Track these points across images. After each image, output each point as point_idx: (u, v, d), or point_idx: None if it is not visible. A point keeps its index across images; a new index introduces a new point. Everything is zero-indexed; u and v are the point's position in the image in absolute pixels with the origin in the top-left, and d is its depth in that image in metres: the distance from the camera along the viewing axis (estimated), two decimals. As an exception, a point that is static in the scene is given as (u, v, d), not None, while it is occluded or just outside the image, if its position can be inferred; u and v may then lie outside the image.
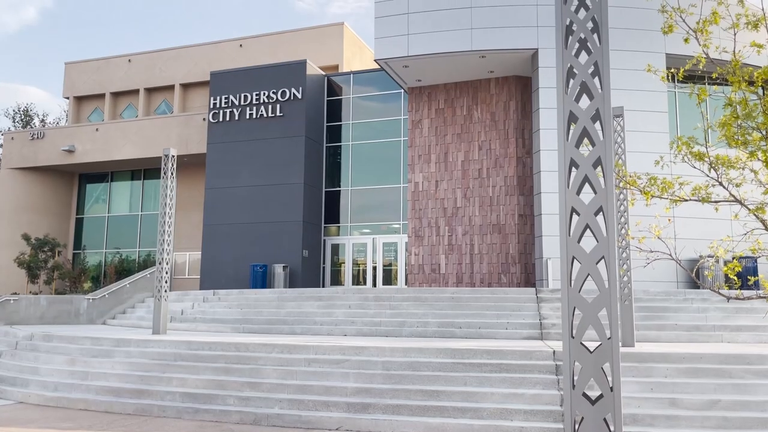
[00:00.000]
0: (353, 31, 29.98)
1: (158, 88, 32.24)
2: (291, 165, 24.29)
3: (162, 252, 15.00)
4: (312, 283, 24.13)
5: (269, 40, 30.15)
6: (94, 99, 33.57)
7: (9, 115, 42.00)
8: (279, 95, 24.84)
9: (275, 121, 24.82)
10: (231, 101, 25.49)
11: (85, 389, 11.22)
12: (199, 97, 30.91)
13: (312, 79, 25.34)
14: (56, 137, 30.29)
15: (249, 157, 24.84)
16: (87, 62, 33.74)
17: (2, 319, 18.57)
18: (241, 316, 16.74)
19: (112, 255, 30.34)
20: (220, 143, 25.44)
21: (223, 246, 24.68)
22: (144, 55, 32.64)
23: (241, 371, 11.14)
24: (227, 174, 25.10)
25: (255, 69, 25.92)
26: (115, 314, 20.17)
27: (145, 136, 28.56)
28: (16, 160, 30.70)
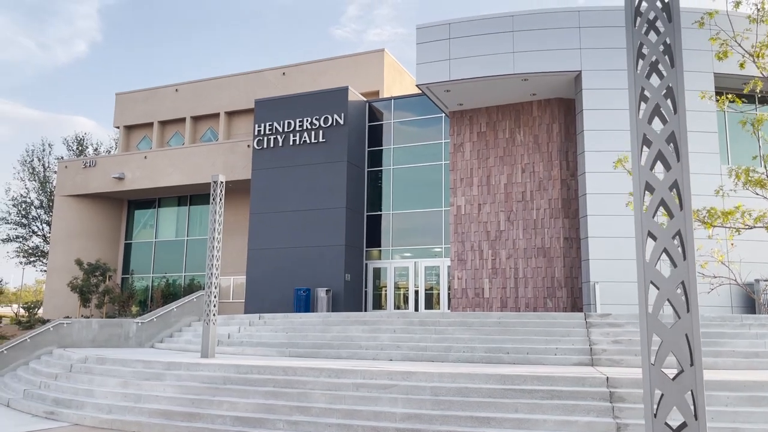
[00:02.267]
0: (393, 57, 30.34)
1: (204, 116, 33.11)
2: (333, 190, 24.55)
3: (210, 276, 15.25)
4: (354, 306, 24.17)
5: (311, 67, 30.73)
6: (143, 128, 34.66)
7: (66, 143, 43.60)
8: (321, 121, 25.22)
9: (318, 146, 25.18)
10: (275, 128, 25.99)
11: (138, 412, 11.40)
12: (244, 125, 31.61)
13: (353, 105, 25.69)
14: (107, 165, 31.31)
15: (292, 182, 25.21)
16: (136, 92, 34.93)
17: (56, 342, 19.08)
18: (286, 340, 16.84)
19: (159, 279, 30.98)
20: (264, 169, 25.91)
21: (267, 270, 24.98)
22: (190, 84, 33.63)
23: (290, 395, 11.18)
24: (271, 199, 25.50)
25: (298, 96, 26.42)
26: (162, 338, 20.52)
27: (192, 163, 29.28)
28: (69, 188, 31.81)
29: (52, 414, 11.99)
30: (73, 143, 43.69)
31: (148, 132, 34.48)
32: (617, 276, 17.63)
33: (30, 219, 41.69)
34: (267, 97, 27.56)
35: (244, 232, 26.88)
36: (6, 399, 13.77)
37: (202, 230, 30.85)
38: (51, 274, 31.89)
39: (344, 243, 24.05)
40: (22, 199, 41.52)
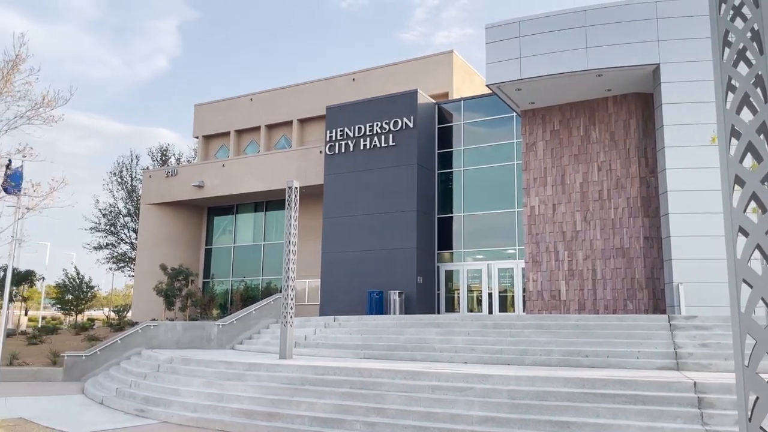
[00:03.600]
0: (462, 58, 30.16)
1: (278, 124, 34.00)
2: (404, 193, 24.64)
3: (287, 279, 15.62)
4: (427, 309, 24.14)
5: (380, 72, 30.98)
6: (221, 137, 35.95)
7: (150, 154, 45.76)
8: (391, 125, 25.38)
9: (388, 150, 25.34)
10: (346, 133, 26.36)
11: (221, 411, 11.82)
12: (316, 131, 32.21)
13: (423, 107, 25.71)
14: (187, 174, 32.65)
15: (364, 186, 25.49)
16: (213, 103, 36.28)
17: (144, 343, 20.05)
18: (361, 342, 17.02)
19: (238, 283, 32.00)
20: (336, 174, 26.33)
21: (340, 273, 25.34)
22: (264, 93, 34.61)
23: (366, 396, 11.29)
24: (343, 203, 25.87)
25: (368, 101, 26.70)
26: (242, 339, 21.17)
27: (267, 170, 30.11)
28: (153, 196, 33.39)
29: (142, 412, 12.60)
30: (157, 153, 45.81)
31: (226, 141, 35.72)
32: (702, 276, 16.82)
33: (118, 227, 43.97)
34: (338, 103, 27.99)
35: (318, 236, 27.38)
36: (101, 397, 14.57)
37: (277, 235, 31.64)
38: (138, 278, 33.55)
39: (416, 246, 24.08)
40: (111, 209, 43.86)
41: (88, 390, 16.11)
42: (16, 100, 11.28)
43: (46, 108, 11.46)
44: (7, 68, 11.12)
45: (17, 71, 11.22)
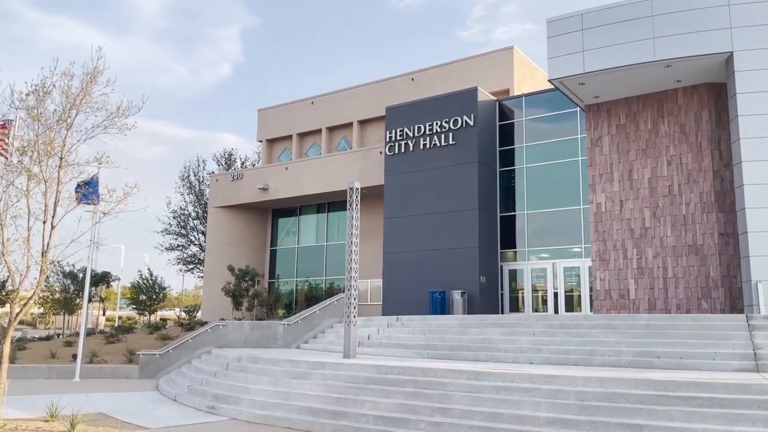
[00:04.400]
0: (523, 54, 29.67)
1: (338, 126, 34.39)
2: (465, 191, 24.45)
3: (350, 279, 15.78)
4: (490, 309, 23.88)
5: (439, 71, 30.85)
6: (283, 140, 36.67)
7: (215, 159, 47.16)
8: (451, 124, 25.24)
9: (448, 149, 25.22)
10: (405, 133, 26.40)
11: (288, 409, 12.06)
12: (376, 132, 32.40)
13: (483, 105, 25.46)
14: (252, 177, 33.47)
15: (424, 185, 25.45)
16: (276, 108, 37.05)
17: (213, 342, 20.67)
18: (424, 342, 17.02)
19: (302, 283, 32.57)
20: (396, 174, 26.41)
21: (401, 273, 25.39)
22: (325, 96, 35.09)
23: (430, 396, 11.29)
24: (404, 203, 25.92)
25: (427, 100, 26.65)
26: (307, 338, 21.52)
27: (328, 171, 30.50)
28: (220, 200, 34.40)
29: (212, 408, 13.01)
30: (222, 158, 47.14)
31: (288, 144, 36.41)
32: (784, 274, 15.97)
33: (188, 229, 45.49)
34: (397, 103, 28.05)
35: (379, 237, 27.52)
36: (174, 394, 15.13)
37: (339, 236, 32.01)
38: (207, 279, 34.62)
39: (478, 245, 23.86)
40: (181, 212, 45.43)
41: (162, 387, 16.75)
42: (94, 110, 11.83)
43: (120, 117, 11.97)
44: (86, 80, 11.68)
45: (95, 83, 11.77)
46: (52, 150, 11.22)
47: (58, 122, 11.47)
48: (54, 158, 11.29)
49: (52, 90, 11.43)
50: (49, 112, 11.47)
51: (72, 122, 11.52)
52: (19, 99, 11.34)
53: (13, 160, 11.38)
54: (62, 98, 11.52)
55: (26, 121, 11.57)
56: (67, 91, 11.50)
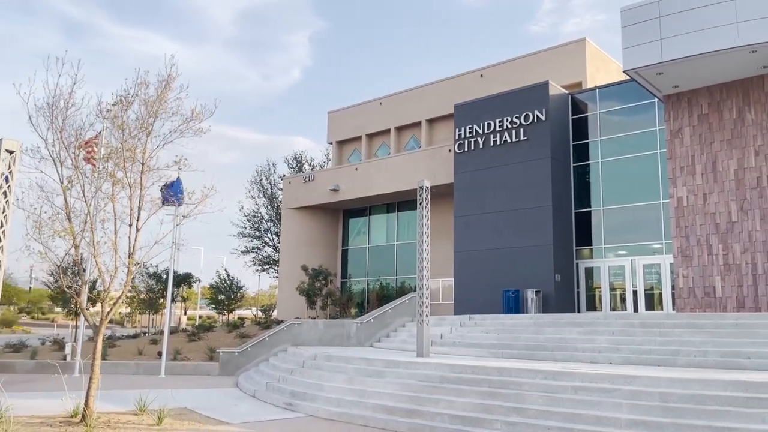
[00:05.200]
0: (596, 45, 28.79)
1: (406, 126, 34.45)
2: (538, 188, 23.96)
3: (421, 278, 15.77)
4: (566, 308, 23.28)
5: (508, 66, 30.37)
6: (353, 141, 37.09)
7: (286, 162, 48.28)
8: (522, 119, 24.79)
9: (519, 145, 24.79)
10: (474, 130, 26.14)
11: (363, 406, 12.18)
12: (444, 130, 32.24)
13: (555, 99, 24.86)
14: (323, 179, 34.03)
15: (495, 183, 25.12)
16: (345, 109, 37.51)
17: (289, 340, 21.15)
18: (498, 341, 16.81)
19: (373, 282, 32.82)
20: (466, 172, 26.18)
21: (473, 272, 25.14)
22: (392, 96, 35.23)
23: (506, 396, 11.13)
24: (474, 201, 25.66)
25: (496, 96, 26.29)
26: (380, 337, 21.68)
27: (397, 171, 30.61)
28: (293, 202, 35.16)
29: (290, 405, 13.30)
30: (292, 161, 48.16)
31: (358, 145, 36.79)
32: None
33: (262, 231, 46.75)
34: (465, 100, 27.81)
35: (450, 236, 27.38)
36: (252, 390, 15.57)
37: (410, 235, 32.05)
38: (282, 279, 35.46)
39: (552, 242, 23.32)
40: (255, 215, 46.75)
41: (241, 384, 17.28)
42: (170, 116, 12.35)
43: (195, 121, 12.44)
44: (161, 88, 12.20)
45: (169, 89, 12.28)
46: (134, 156, 11.78)
47: (139, 130, 12.02)
48: (136, 164, 11.85)
49: (133, 99, 12.00)
50: (131, 121, 12.04)
51: (151, 129, 12.05)
52: (106, 109, 11.97)
53: (99, 167, 12.01)
54: (141, 106, 12.08)
55: (111, 130, 12.20)
56: (145, 99, 12.04)
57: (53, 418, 11.22)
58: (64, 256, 11.40)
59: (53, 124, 11.17)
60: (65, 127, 11.30)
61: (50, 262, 11.38)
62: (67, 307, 37.34)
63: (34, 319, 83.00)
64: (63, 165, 11.17)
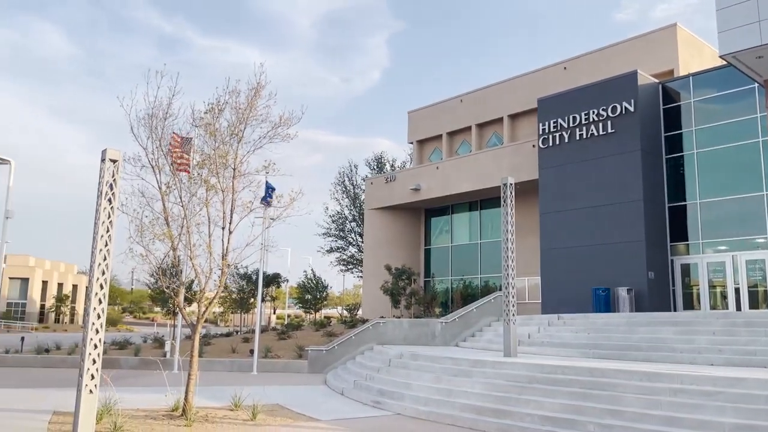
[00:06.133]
0: (688, 31, 27.35)
1: (488, 122, 34.02)
2: (627, 181, 23.04)
3: (507, 277, 15.53)
4: (660, 306, 22.24)
5: (593, 57, 29.40)
6: (433, 140, 37.02)
7: (367, 163, 48.91)
8: (609, 111, 23.92)
9: (607, 138, 23.93)
10: (559, 124, 25.46)
11: (450, 406, 12.14)
12: (527, 125, 31.62)
13: (644, 89, 23.82)
14: (404, 179, 34.17)
15: (582, 178, 24.36)
16: (425, 108, 37.50)
17: (375, 339, 21.37)
18: (588, 341, 16.31)
19: (457, 281, 32.63)
20: (551, 167, 25.55)
21: (561, 270, 24.50)
22: (473, 93, 34.89)
23: (599, 397, 10.78)
24: (561, 197, 25.00)
25: (582, 89, 25.50)
26: (465, 337, 21.52)
27: (479, 169, 30.28)
28: (375, 202, 35.53)
29: (378, 403, 13.44)
30: (373, 162, 48.70)
31: (438, 144, 36.69)
32: None
33: (345, 232, 47.58)
34: (549, 94, 27.14)
35: (535, 233, 26.82)
36: (340, 388, 15.86)
37: (493, 233, 31.64)
38: (366, 278, 35.91)
39: (644, 238, 22.36)
40: (339, 216, 47.63)
41: (330, 381, 17.63)
42: (259, 122, 12.77)
43: (283, 127, 12.80)
44: (251, 96, 12.64)
45: (259, 97, 12.69)
46: (226, 162, 12.26)
47: (230, 136, 12.50)
48: (228, 169, 12.33)
49: (224, 107, 12.49)
50: (223, 128, 12.54)
51: (241, 135, 12.50)
52: (198, 118, 12.53)
53: (193, 174, 12.58)
54: (232, 114, 12.55)
55: (203, 138, 12.75)
56: (236, 107, 12.50)
57: (156, 411, 11.86)
58: (164, 258, 12.05)
59: (153, 133, 11.84)
60: (164, 136, 11.95)
61: (151, 264, 12.05)
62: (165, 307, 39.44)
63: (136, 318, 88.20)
64: (161, 172, 11.82)
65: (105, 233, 8.59)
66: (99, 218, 8.60)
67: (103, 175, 8.73)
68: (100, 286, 8.51)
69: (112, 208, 8.72)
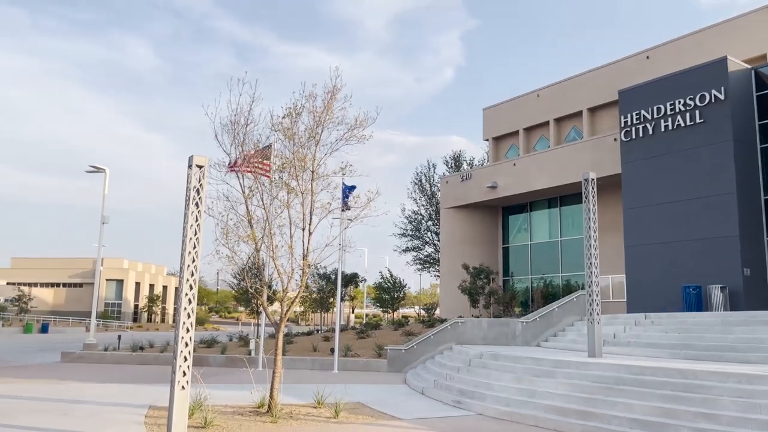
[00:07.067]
0: (784, 11, 25.64)
1: (566, 117, 33.15)
2: (718, 174, 21.84)
3: (590, 275, 15.07)
4: (758, 305, 20.89)
5: (677, 45, 28.09)
6: (510, 137, 36.43)
7: (445, 162, 48.78)
8: (697, 100, 22.76)
9: (695, 128, 22.78)
10: (642, 116, 24.46)
11: (533, 407, 11.90)
12: (608, 118, 30.59)
13: (735, 75, 22.51)
14: (480, 177, 33.80)
15: (669, 171, 23.30)
16: (500, 105, 36.97)
17: (453, 338, 21.26)
18: (679, 341, 15.59)
19: (537, 280, 31.97)
20: (635, 161, 24.58)
21: (647, 267, 23.53)
22: (550, 87, 34.08)
23: (692, 400, 10.28)
24: (645, 192, 24.01)
25: (666, 78, 24.39)
26: (546, 337, 21.05)
27: (558, 164, 29.54)
28: (451, 200, 35.35)
29: (458, 403, 13.35)
30: (451, 160, 48.47)
31: (515, 140, 36.07)
32: None
33: (422, 231, 47.59)
34: (631, 85, 26.13)
35: (617, 230, 25.89)
36: (421, 387, 15.87)
37: (574, 230, 30.80)
38: (443, 278, 35.78)
39: (738, 233, 21.13)
40: (415, 216, 47.71)
41: (409, 380, 17.68)
42: (336, 125, 12.97)
43: (358, 128, 12.94)
44: (327, 99, 12.85)
45: (335, 100, 12.89)
46: (305, 165, 12.53)
47: (308, 140, 12.76)
48: (307, 172, 12.59)
49: (302, 111, 12.77)
50: (301, 132, 12.82)
51: (319, 138, 12.73)
52: (277, 122, 12.87)
53: (274, 177, 12.92)
54: (309, 117, 12.80)
55: (283, 142, 13.07)
56: (313, 111, 12.75)
57: (243, 408, 12.28)
58: (248, 260, 12.46)
59: (235, 139, 12.28)
60: (245, 142, 12.35)
61: (236, 265, 12.49)
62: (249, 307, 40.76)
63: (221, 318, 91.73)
64: (244, 176, 12.23)
65: (193, 236, 8.97)
66: (187, 221, 8.99)
67: (191, 180, 9.11)
68: (190, 287, 8.90)
69: (199, 211, 9.09)
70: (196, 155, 9.21)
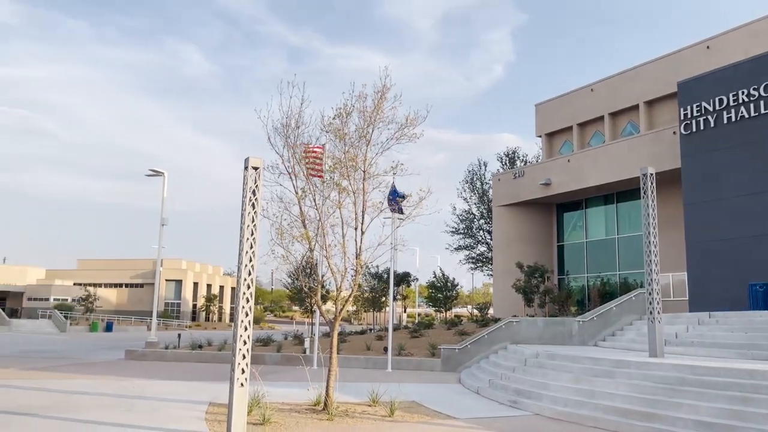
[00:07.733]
0: None
1: (621, 111, 32.30)
2: (787, 166, 20.85)
3: (650, 273, 14.62)
4: (832, 304, 19.91)
5: (739, 34, 26.98)
6: (563, 132, 35.73)
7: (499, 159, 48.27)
8: (762, 90, 21.79)
9: (761, 119, 21.81)
10: (703, 108, 23.58)
11: (592, 407, 11.63)
12: (666, 111, 29.64)
13: (803, 62, 21.45)
14: (533, 174, 33.28)
15: (732, 164, 22.40)
16: (553, 100, 36.29)
17: (508, 338, 20.99)
18: (746, 341, 14.96)
19: (593, 279, 31.25)
20: (695, 155, 23.73)
21: (710, 264, 22.68)
22: (604, 81, 33.26)
23: (762, 402, 9.85)
24: (708, 187, 23.14)
25: (728, 68, 23.45)
26: (604, 336, 20.54)
27: (614, 159, 28.81)
28: (503, 198, 34.94)
29: (514, 403, 13.18)
30: (505, 158, 47.91)
31: (568, 136, 35.35)
32: None
33: (474, 230, 47.20)
34: (690, 76, 25.24)
35: (678, 226, 25.04)
36: (475, 387, 15.74)
37: (631, 227, 29.98)
38: (496, 277, 35.40)
39: (810, 228, 20.13)
40: (467, 214, 47.36)
41: (464, 380, 17.56)
42: (386, 124, 12.99)
43: (409, 127, 12.93)
44: (377, 99, 12.89)
45: (384, 100, 12.91)
46: (356, 165, 12.60)
47: (359, 139, 12.83)
48: (358, 172, 12.66)
49: (352, 111, 12.84)
50: (351, 132, 12.89)
51: (369, 138, 12.77)
52: (328, 123, 12.99)
53: (326, 178, 13.05)
54: (360, 118, 12.86)
55: (334, 142, 13.19)
56: (363, 111, 12.80)
57: (299, 405, 12.45)
58: (302, 259, 12.63)
59: (287, 141, 12.46)
60: (297, 144, 12.52)
61: (290, 264, 12.68)
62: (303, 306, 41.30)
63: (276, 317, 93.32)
64: (297, 177, 12.41)
65: (250, 236, 9.15)
66: (244, 222, 9.17)
67: (247, 181, 9.29)
68: (247, 286, 9.08)
69: (255, 212, 9.26)
70: (252, 157, 9.38)
